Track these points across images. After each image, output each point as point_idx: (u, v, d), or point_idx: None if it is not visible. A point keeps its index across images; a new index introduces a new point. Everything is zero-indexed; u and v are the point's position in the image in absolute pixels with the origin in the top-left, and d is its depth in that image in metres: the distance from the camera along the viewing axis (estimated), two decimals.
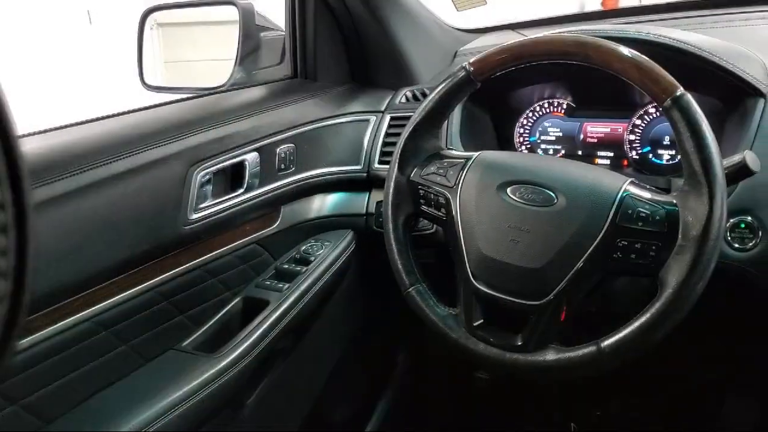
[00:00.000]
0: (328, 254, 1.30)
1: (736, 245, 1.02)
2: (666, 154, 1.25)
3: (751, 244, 1.01)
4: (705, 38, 1.15)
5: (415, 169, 1.04)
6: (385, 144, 1.37)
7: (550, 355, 0.87)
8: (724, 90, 1.12)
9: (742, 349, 1.33)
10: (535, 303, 0.88)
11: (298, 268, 1.25)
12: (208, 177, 1.11)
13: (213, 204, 1.12)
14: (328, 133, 1.37)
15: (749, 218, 1.01)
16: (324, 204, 1.38)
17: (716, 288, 0.81)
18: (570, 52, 0.89)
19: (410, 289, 1.00)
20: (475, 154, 1.01)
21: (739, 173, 0.84)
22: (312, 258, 1.28)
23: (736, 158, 0.83)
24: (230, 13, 1.47)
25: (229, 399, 1.09)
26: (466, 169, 0.99)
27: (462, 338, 0.94)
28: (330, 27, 1.48)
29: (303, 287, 1.22)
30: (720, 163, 0.79)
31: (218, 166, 1.13)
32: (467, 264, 0.94)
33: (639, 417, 1.62)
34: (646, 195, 0.85)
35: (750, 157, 0.83)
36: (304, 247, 1.31)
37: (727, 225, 1.01)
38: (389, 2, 1.43)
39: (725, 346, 1.38)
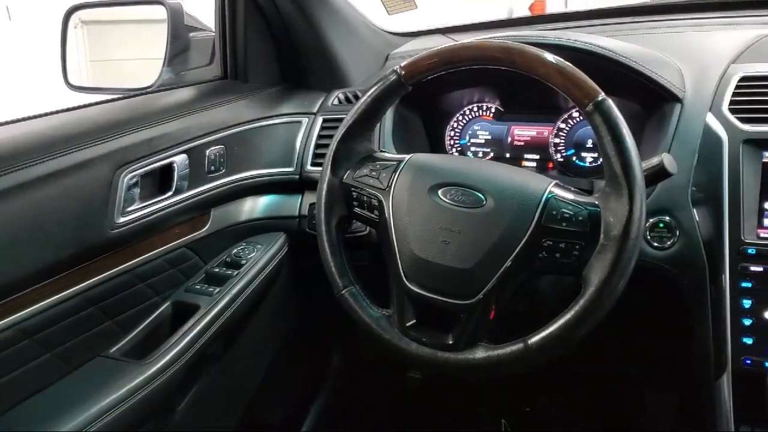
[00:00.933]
0: (259, 257, 1.29)
1: (656, 244, 1.06)
2: (589, 157, 1.29)
3: (669, 243, 1.06)
4: (623, 44, 1.19)
5: (348, 172, 1.04)
6: (317, 146, 1.37)
7: (480, 353, 0.88)
8: (643, 95, 1.17)
9: (661, 346, 1.38)
10: (465, 302, 0.89)
11: (229, 272, 1.24)
12: (135, 179, 1.09)
13: (141, 207, 1.10)
14: (259, 134, 1.36)
15: (667, 218, 1.06)
16: (255, 206, 1.37)
17: (637, 286, 0.85)
18: (497, 57, 0.91)
19: (343, 291, 1.00)
20: (408, 156, 1.03)
21: (657, 175, 0.87)
22: (243, 261, 1.27)
23: (654, 161, 0.87)
24: (158, 12, 1.44)
25: (160, 405, 1.07)
26: (398, 172, 1.00)
27: (395, 339, 0.95)
28: (260, 27, 1.47)
29: (234, 291, 1.20)
30: (639, 166, 0.82)
31: (146, 168, 1.11)
32: (400, 265, 0.95)
33: (564, 413, 1.66)
34: (570, 196, 0.88)
35: (668, 160, 0.87)
36: (235, 251, 1.30)
37: (647, 225, 1.06)
38: (319, 2, 1.42)
39: (645, 344, 1.43)
